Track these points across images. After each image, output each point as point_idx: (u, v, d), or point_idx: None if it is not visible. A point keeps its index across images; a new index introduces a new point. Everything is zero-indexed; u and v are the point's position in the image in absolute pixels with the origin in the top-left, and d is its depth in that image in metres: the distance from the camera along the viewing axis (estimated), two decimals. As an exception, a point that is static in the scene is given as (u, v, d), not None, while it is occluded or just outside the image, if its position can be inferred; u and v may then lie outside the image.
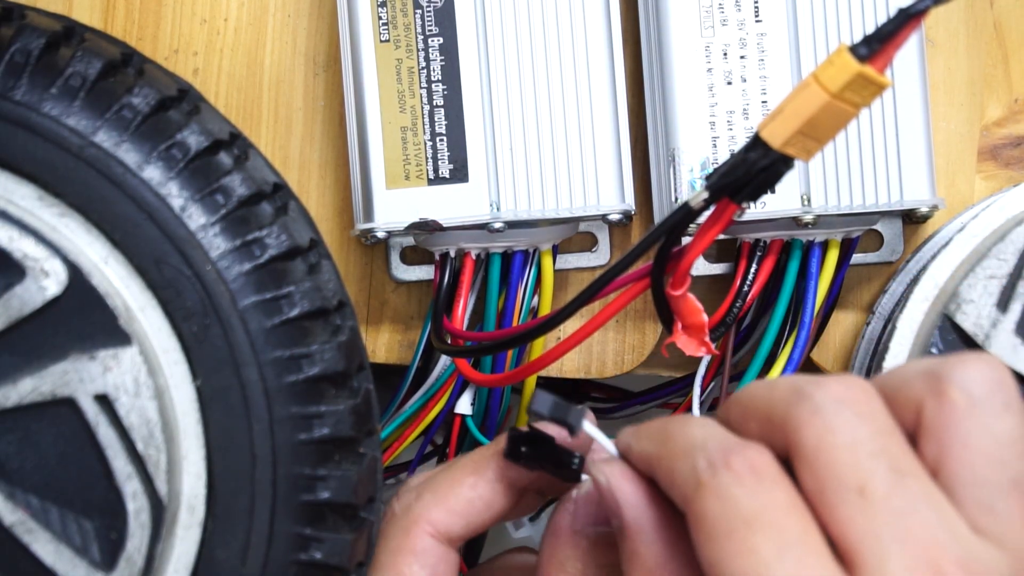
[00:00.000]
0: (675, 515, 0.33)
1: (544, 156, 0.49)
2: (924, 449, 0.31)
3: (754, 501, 0.30)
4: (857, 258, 0.52)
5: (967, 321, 0.46)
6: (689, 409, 0.51)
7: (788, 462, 0.32)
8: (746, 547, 0.30)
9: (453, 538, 0.41)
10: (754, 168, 0.34)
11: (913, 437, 0.32)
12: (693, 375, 0.51)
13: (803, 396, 0.32)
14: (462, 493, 0.40)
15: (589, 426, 0.37)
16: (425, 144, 0.49)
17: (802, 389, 0.32)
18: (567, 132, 0.49)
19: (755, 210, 0.48)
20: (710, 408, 0.52)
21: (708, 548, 0.30)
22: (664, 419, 0.35)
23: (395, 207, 0.49)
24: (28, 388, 0.38)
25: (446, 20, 0.49)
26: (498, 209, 0.49)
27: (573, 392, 0.62)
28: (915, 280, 0.49)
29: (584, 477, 0.38)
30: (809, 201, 0.48)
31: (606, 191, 0.49)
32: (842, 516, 0.30)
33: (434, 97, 0.49)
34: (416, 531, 0.40)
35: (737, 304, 0.49)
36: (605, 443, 0.37)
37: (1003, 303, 0.46)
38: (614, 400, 0.61)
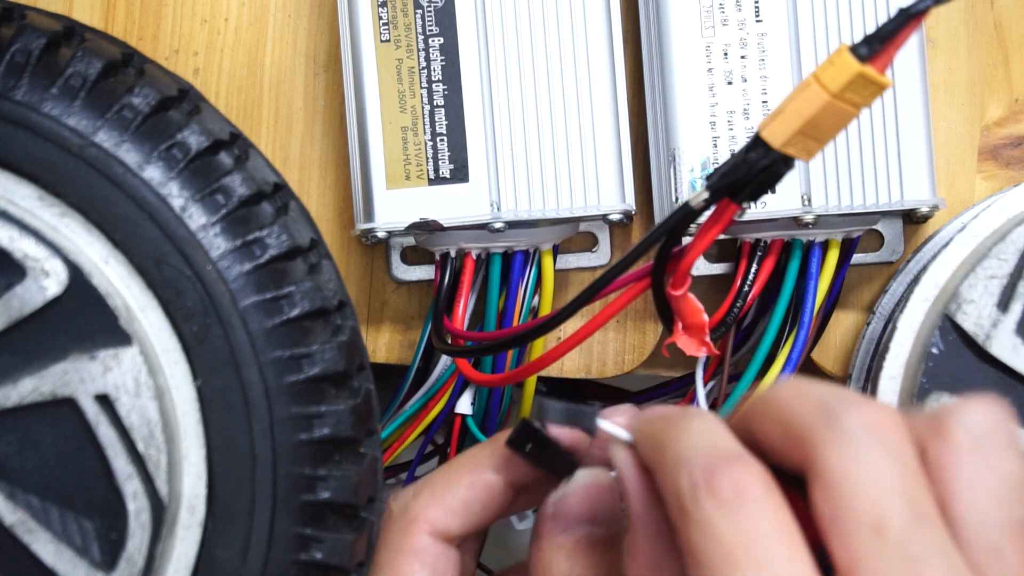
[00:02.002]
0: None
1: (544, 156, 0.49)
2: None
3: (736, 532, 0.30)
4: (857, 258, 0.52)
5: (968, 321, 0.46)
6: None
7: (799, 476, 0.31)
8: None
9: (452, 536, 0.41)
10: (755, 168, 0.34)
11: None
12: (693, 375, 0.51)
13: (832, 417, 0.31)
14: (459, 492, 0.40)
15: (604, 424, 0.36)
16: (425, 144, 0.49)
17: (832, 408, 0.31)
18: (567, 132, 0.49)
19: (755, 210, 0.48)
20: (711, 407, 0.52)
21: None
22: (663, 415, 0.35)
23: (395, 207, 0.49)
24: (28, 388, 0.38)
25: (446, 20, 0.49)
26: (498, 209, 0.49)
27: (573, 392, 0.62)
28: (915, 280, 0.49)
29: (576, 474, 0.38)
30: (809, 201, 0.48)
31: (606, 191, 0.49)
32: (853, 550, 0.30)
33: (434, 97, 0.49)
34: (414, 530, 0.40)
35: (738, 304, 0.49)
36: (620, 433, 0.36)
37: (1004, 303, 0.46)
38: (614, 400, 0.61)
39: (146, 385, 0.39)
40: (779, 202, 0.48)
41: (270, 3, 0.54)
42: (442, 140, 0.49)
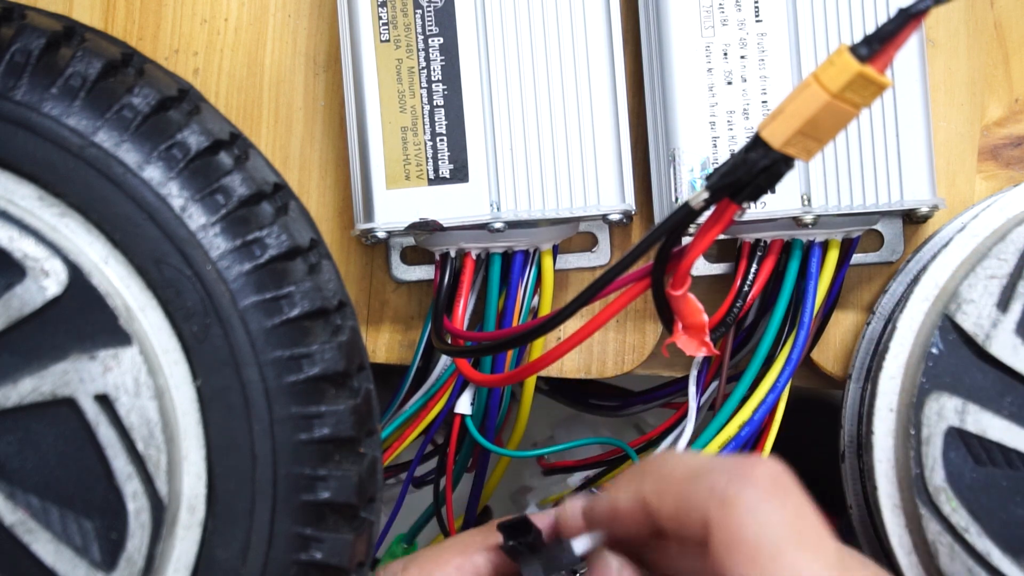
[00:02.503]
0: None
1: (544, 156, 0.49)
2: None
3: (785, 516, 0.31)
4: (857, 258, 0.52)
5: (967, 321, 0.46)
6: (687, 413, 0.51)
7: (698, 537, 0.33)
8: (794, 567, 0.30)
9: None
10: (755, 168, 0.34)
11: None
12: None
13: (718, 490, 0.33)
14: (447, 571, 0.41)
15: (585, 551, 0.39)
16: (425, 144, 0.49)
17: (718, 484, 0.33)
18: (567, 132, 0.49)
19: (755, 210, 0.48)
20: (710, 408, 0.52)
21: (747, 569, 0.31)
22: (645, 459, 0.36)
23: (395, 207, 0.49)
24: (28, 388, 0.38)
25: (446, 20, 0.49)
26: (498, 209, 0.49)
27: (576, 391, 0.62)
28: (915, 280, 0.49)
29: None
30: (809, 201, 0.48)
31: (606, 191, 0.49)
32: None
33: (434, 97, 0.49)
34: None
35: (737, 304, 0.49)
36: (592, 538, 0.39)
37: (1003, 303, 0.46)
38: (615, 400, 0.61)
39: (146, 385, 0.39)
40: (779, 202, 0.48)
41: (270, 3, 0.54)
42: (442, 140, 0.49)
